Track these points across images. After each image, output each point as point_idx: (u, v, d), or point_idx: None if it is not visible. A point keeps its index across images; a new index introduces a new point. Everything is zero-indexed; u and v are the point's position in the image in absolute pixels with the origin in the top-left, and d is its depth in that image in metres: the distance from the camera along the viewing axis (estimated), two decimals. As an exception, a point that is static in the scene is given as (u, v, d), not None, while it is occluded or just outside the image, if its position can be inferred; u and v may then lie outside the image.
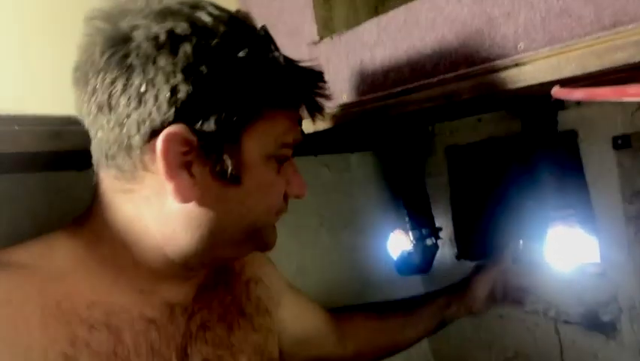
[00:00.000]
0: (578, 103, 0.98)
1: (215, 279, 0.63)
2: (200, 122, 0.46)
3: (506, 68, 0.60)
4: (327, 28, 0.88)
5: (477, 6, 0.64)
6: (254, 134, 0.50)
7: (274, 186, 0.54)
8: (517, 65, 0.59)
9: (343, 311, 0.87)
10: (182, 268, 0.53)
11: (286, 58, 0.53)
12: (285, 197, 0.57)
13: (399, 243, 1.24)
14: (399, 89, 0.72)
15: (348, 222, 1.14)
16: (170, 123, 0.45)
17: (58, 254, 0.50)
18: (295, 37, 0.89)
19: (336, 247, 1.09)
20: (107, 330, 0.48)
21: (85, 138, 0.51)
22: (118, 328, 0.49)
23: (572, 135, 1.01)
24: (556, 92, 0.50)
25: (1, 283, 0.45)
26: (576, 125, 1.00)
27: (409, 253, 1.21)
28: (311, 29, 0.86)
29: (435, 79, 0.67)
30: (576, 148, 1.01)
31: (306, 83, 0.54)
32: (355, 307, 0.92)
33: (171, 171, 0.46)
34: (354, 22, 1.02)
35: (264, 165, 0.52)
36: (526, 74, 0.57)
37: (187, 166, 0.47)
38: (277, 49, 0.52)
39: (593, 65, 0.52)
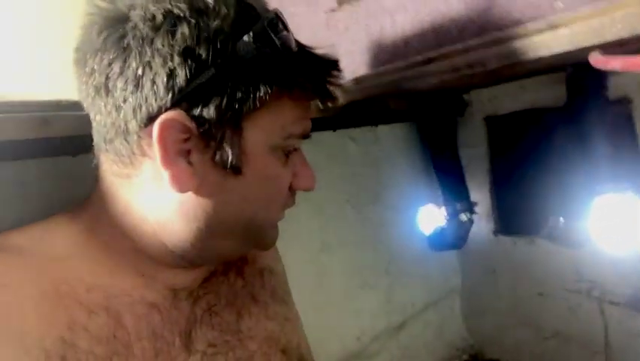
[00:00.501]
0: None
1: (226, 264, 0.60)
2: (199, 109, 0.43)
3: (540, 31, 0.52)
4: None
5: (509, -40, 0.56)
6: (258, 122, 0.46)
7: (278, 178, 0.51)
8: (552, 27, 0.51)
9: None
10: (182, 259, 0.51)
11: (299, 44, 0.48)
12: (292, 190, 0.54)
13: (431, 218, 1.18)
14: (420, 58, 0.65)
15: (376, 198, 1.09)
16: (167, 109, 0.42)
17: (57, 238, 0.49)
18: (313, 4, 0.83)
19: (363, 223, 1.05)
20: (107, 314, 0.47)
21: (75, 123, 0.49)
22: (118, 312, 0.47)
23: (625, 103, 0.91)
24: (595, 60, 0.42)
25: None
26: (630, 92, 0.90)
27: (442, 229, 1.16)
28: (329, -5, 0.80)
29: (460, 45, 0.61)
30: (630, 117, 0.91)
31: (318, 72, 0.49)
32: None
33: (168, 159, 0.43)
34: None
35: (268, 155, 0.48)
36: (562, 38, 0.50)
37: (185, 154, 0.44)
38: (288, 34, 0.47)
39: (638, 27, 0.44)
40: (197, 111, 0.43)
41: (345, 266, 1.00)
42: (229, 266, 0.60)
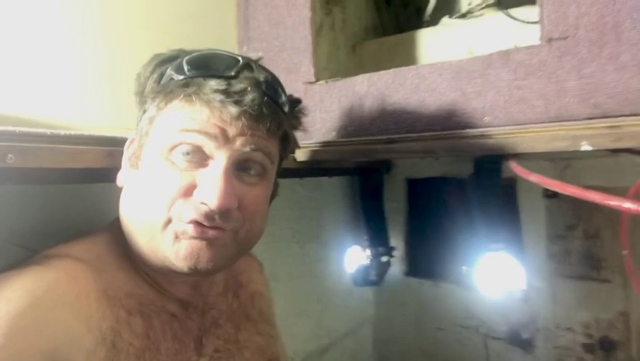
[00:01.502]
0: (517, 155, 1.17)
1: (225, 287, 0.73)
2: (138, 127, 0.60)
3: (475, 136, 0.75)
4: (322, 70, 1.01)
5: (454, 81, 0.79)
6: (154, 127, 0.58)
7: (166, 180, 0.54)
8: (483, 136, 0.74)
9: None
10: (166, 275, 0.61)
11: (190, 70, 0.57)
12: (193, 202, 0.55)
13: (355, 257, 1.39)
14: (384, 137, 0.86)
15: (316, 237, 1.27)
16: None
17: (99, 250, 0.60)
18: (293, 74, 1.01)
19: (304, 258, 1.22)
20: (141, 316, 0.58)
21: None
22: (149, 316, 0.59)
23: (512, 182, 1.20)
24: (515, 168, 0.65)
25: (69, 267, 0.55)
26: (516, 175, 1.18)
27: (365, 268, 1.36)
28: (308, 71, 0.98)
29: (415, 134, 0.82)
30: (514, 194, 1.20)
31: (211, 86, 0.55)
32: None
33: (123, 162, 0.61)
34: (335, 57, 1.16)
35: (157, 154, 0.56)
36: (490, 144, 0.73)
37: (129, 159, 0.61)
38: (172, 71, 0.58)
39: (540, 147, 0.68)
40: (139, 126, 0.60)
41: (287, 295, 1.16)
42: (227, 289, 0.73)
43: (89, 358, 0.51)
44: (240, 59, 0.58)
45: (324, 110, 0.96)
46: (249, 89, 0.55)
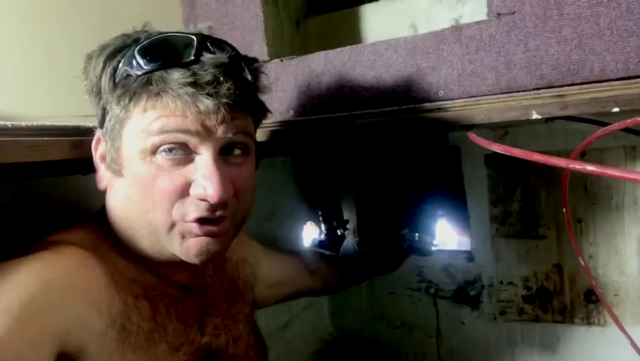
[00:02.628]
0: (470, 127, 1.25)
1: (215, 266, 0.75)
2: (105, 128, 0.58)
3: (432, 110, 0.79)
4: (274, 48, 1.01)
5: (410, 57, 0.82)
6: (128, 131, 0.55)
7: (154, 180, 0.54)
8: (440, 109, 0.79)
9: (314, 254, 1.13)
10: (146, 256, 0.61)
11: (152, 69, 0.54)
12: (196, 197, 0.55)
13: (311, 233, 1.42)
14: (344, 114, 0.88)
15: (272, 215, 1.29)
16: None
17: (96, 237, 0.59)
18: (245, 53, 1.00)
19: (262, 236, 1.23)
20: (147, 300, 0.59)
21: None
22: (154, 299, 0.60)
23: (456, 150, 1.27)
24: (475, 138, 0.70)
25: (76, 253, 0.54)
26: (460, 143, 1.26)
27: (320, 241, 1.40)
28: (261, 49, 0.98)
29: (375, 110, 0.85)
30: (459, 161, 1.28)
31: (180, 80, 0.53)
32: (322, 253, 1.19)
33: (96, 164, 0.60)
34: (279, 34, 1.16)
35: (139, 158, 0.54)
36: (446, 117, 0.78)
37: (102, 160, 0.60)
38: (132, 69, 0.54)
39: (495, 118, 0.74)
40: (104, 129, 0.58)
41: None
42: (217, 267, 0.76)
43: (100, 340, 0.52)
44: (193, 37, 0.56)
45: (281, 90, 0.96)
46: (221, 78, 0.54)
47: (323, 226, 1.38)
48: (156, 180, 0.54)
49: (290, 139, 0.94)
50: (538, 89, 0.72)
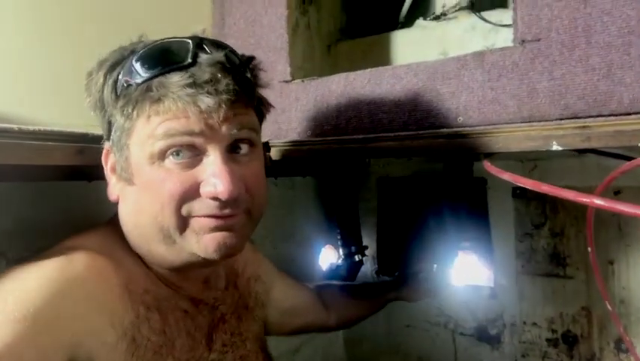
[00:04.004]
0: (489, 155, 1.21)
1: (227, 280, 0.74)
2: (112, 140, 0.58)
3: (449, 135, 0.77)
4: (297, 69, 1.01)
5: (430, 82, 0.80)
6: (134, 138, 0.56)
7: (163, 183, 0.54)
8: (457, 135, 0.76)
9: (327, 288, 1.06)
10: (161, 266, 0.62)
11: (151, 77, 0.54)
12: (205, 196, 0.56)
13: (329, 257, 1.39)
14: (360, 136, 0.86)
15: (289, 236, 1.27)
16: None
17: (112, 244, 0.60)
18: (268, 72, 1.00)
19: (278, 257, 1.21)
20: (158, 312, 0.59)
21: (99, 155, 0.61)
22: (165, 313, 0.60)
23: (482, 182, 1.23)
24: (489, 167, 0.67)
25: (92, 260, 0.54)
26: (486, 175, 1.22)
27: (337, 266, 1.37)
28: (284, 70, 0.98)
29: (391, 134, 0.83)
30: (484, 193, 1.23)
31: (180, 84, 0.54)
32: (336, 285, 1.12)
33: (107, 176, 0.60)
34: (310, 57, 1.16)
35: (148, 164, 0.55)
36: (464, 143, 0.75)
37: (113, 171, 0.60)
38: (131, 78, 0.55)
39: (513, 147, 0.70)
40: (112, 138, 0.58)
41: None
42: (228, 282, 0.75)
43: (110, 352, 0.52)
44: (189, 41, 0.56)
45: (300, 110, 0.96)
46: (219, 75, 0.54)
47: (341, 251, 1.35)
48: (165, 183, 0.54)
49: (305, 159, 0.93)
50: (561, 119, 0.69)
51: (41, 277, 0.50)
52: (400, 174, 1.39)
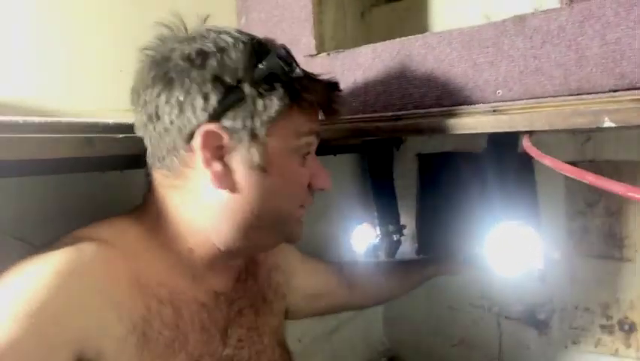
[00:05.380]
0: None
1: (246, 271, 0.72)
2: (229, 121, 0.54)
3: (485, 112, 0.69)
4: (322, 42, 0.95)
5: (465, 51, 0.73)
6: (277, 130, 0.57)
7: (297, 176, 0.61)
8: (494, 111, 0.68)
9: (355, 266, 1.07)
10: (227, 255, 0.62)
11: (304, 71, 0.61)
12: (311, 190, 0.65)
13: (365, 235, 1.34)
14: (389, 113, 0.80)
15: (324, 216, 1.23)
16: (205, 124, 0.54)
17: (129, 236, 0.58)
18: (293, 46, 0.95)
19: (313, 236, 1.18)
20: (172, 307, 0.57)
21: (116, 144, 0.59)
22: (179, 306, 0.58)
23: (529, 157, 1.13)
24: (529, 148, 0.60)
25: (101, 251, 0.53)
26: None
27: (375, 246, 1.32)
28: (309, 43, 0.92)
29: (422, 110, 0.76)
30: (532, 169, 1.13)
31: (320, 89, 0.62)
32: (364, 263, 1.14)
33: (208, 161, 0.55)
34: (341, 25, 1.10)
35: (287, 156, 0.59)
36: (502, 121, 0.67)
37: (220, 157, 0.56)
38: (295, 63, 0.61)
39: (558, 124, 0.62)
40: (227, 123, 0.54)
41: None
42: (248, 273, 0.73)
43: (119, 345, 0.51)
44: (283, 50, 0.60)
45: (327, 85, 0.90)
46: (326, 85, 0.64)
47: (378, 230, 1.30)
48: (302, 175, 0.62)
49: (334, 139, 0.88)
50: (615, 90, 0.60)
51: (47, 271, 0.49)
52: (439, 149, 1.31)
